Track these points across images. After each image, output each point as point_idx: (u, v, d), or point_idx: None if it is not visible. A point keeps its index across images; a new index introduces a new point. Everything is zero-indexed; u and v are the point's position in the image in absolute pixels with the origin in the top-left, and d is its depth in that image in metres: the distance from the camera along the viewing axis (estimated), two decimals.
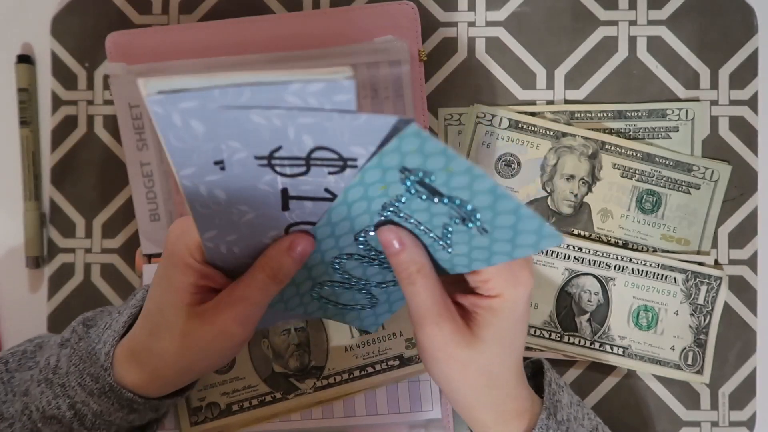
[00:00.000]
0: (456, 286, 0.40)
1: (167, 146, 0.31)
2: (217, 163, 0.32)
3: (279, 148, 0.32)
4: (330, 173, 0.34)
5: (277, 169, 0.33)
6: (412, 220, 0.36)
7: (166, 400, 0.44)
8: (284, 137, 0.31)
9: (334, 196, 0.36)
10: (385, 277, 0.42)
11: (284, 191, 0.35)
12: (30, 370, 0.44)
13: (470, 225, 0.34)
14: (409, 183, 0.33)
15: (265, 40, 0.53)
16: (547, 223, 0.32)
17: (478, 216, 0.33)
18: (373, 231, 0.38)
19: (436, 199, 0.34)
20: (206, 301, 0.39)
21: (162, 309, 0.40)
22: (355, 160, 0.33)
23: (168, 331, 0.39)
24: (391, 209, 0.36)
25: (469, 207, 0.33)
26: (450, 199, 0.33)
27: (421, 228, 0.37)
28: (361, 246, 0.39)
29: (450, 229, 0.35)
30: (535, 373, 0.46)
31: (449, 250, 0.37)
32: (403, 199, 0.35)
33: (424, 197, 0.34)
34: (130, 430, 0.45)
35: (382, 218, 0.37)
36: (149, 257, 0.54)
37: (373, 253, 0.40)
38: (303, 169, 0.34)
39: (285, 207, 0.36)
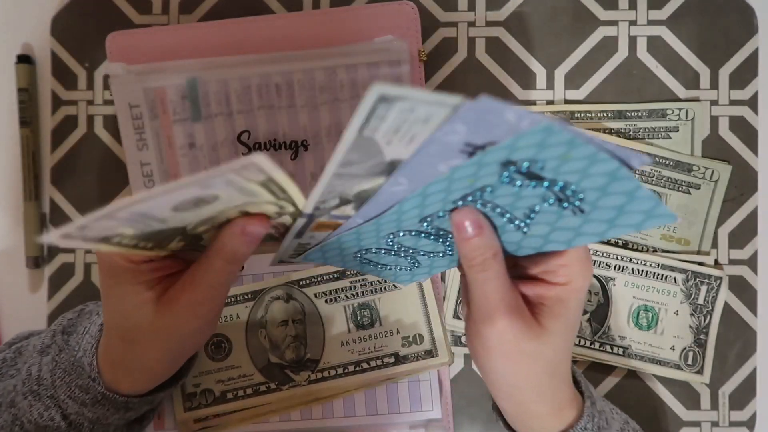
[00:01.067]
0: (513, 275, 0.38)
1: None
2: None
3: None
4: None
5: None
6: (489, 205, 0.35)
7: (160, 392, 0.44)
8: None
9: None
10: (435, 248, 0.41)
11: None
12: (12, 378, 0.44)
13: (566, 205, 0.33)
14: (507, 174, 0.32)
15: (265, 40, 0.53)
16: (663, 203, 0.30)
17: (581, 197, 0.32)
18: (442, 214, 0.36)
19: (534, 185, 0.32)
20: (168, 288, 0.39)
21: (126, 315, 0.39)
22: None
23: (140, 332, 0.39)
24: (470, 198, 0.35)
25: (573, 188, 0.32)
26: (553, 182, 0.32)
27: (497, 210, 0.35)
28: (425, 225, 0.38)
29: (537, 209, 0.34)
30: None
31: (524, 230, 0.35)
32: (489, 189, 0.34)
33: (519, 183, 0.33)
34: (128, 424, 0.45)
35: (457, 205, 0.36)
36: None
37: (434, 230, 0.38)
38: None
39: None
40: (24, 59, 0.56)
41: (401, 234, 0.39)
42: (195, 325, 0.39)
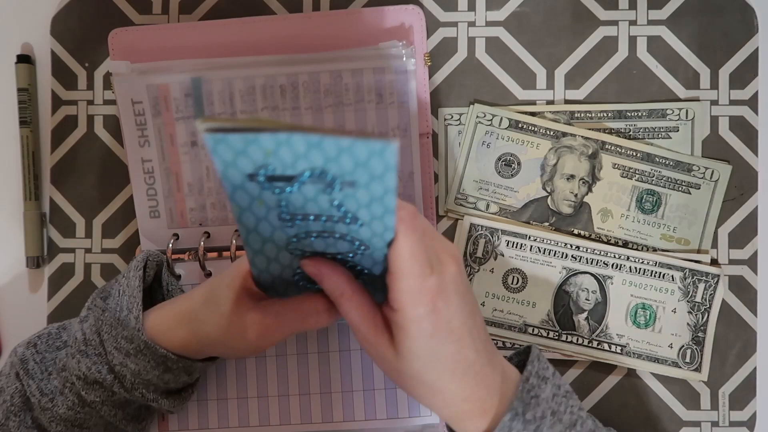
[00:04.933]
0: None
1: None
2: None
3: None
4: None
5: None
6: (311, 218, 0.38)
7: (197, 363, 0.49)
8: None
9: None
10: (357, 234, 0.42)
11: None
12: (59, 350, 0.49)
13: (337, 188, 0.35)
14: (266, 185, 0.35)
15: (270, 41, 0.55)
16: (371, 138, 0.32)
17: (331, 174, 0.34)
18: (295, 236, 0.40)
19: (295, 185, 0.35)
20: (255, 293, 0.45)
21: (220, 285, 0.46)
22: None
23: (216, 304, 0.46)
24: (286, 217, 0.38)
25: (318, 172, 0.34)
26: (301, 175, 0.34)
27: (324, 219, 0.38)
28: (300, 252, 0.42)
29: (336, 201, 0.36)
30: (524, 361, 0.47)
31: (359, 223, 0.38)
32: (282, 203, 0.36)
33: (288, 189, 0.35)
34: (167, 393, 0.50)
35: (289, 226, 0.39)
36: None
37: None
38: None
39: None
40: (24, 59, 0.58)
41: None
42: (250, 336, 0.45)
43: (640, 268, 0.55)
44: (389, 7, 0.55)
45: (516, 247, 0.55)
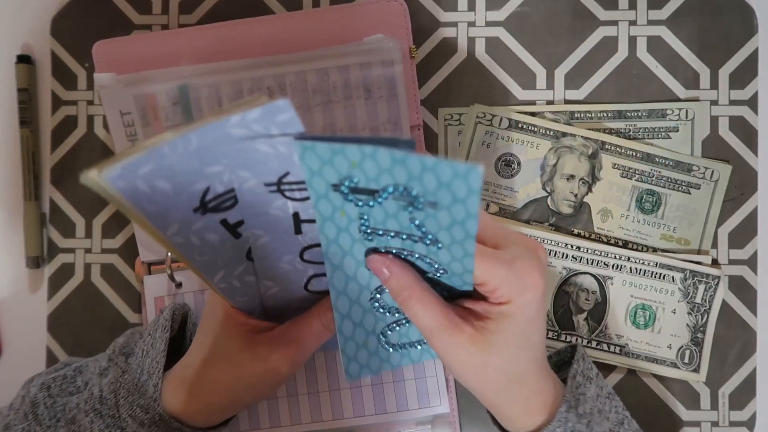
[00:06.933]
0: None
1: (146, 216, 0.34)
2: (196, 210, 0.36)
3: (287, 174, 0.36)
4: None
5: (287, 194, 0.38)
6: (391, 234, 0.38)
7: (212, 430, 0.48)
8: (291, 163, 0.36)
9: None
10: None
11: (296, 215, 0.39)
12: (71, 396, 0.47)
13: (419, 206, 0.35)
14: (349, 196, 0.35)
15: (254, 43, 0.55)
16: (457, 161, 0.32)
17: (413, 192, 0.34)
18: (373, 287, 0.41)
19: (378, 199, 0.35)
20: (255, 331, 0.44)
21: (217, 340, 0.45)
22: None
23: (223, 361, 0.45)
24: (367, 231, 0.38)
25: (401, 189, 0.34)
26: (384, 190, 0.34)
27: (404, 237, 0.38)
28: (377, 305, 0.43)
29: (416, 220, 0.36)
30: (566, 361, 0.48)
31: (438, 245, 0.37)
32: (364, 217, 0.37)
33: (370, 203, 0.36)
34: None
35: (369, 239, 0.39)
36: (149, 266, 0.56)
37: (388, 309, 0.43)
38: (307, 192, 0.37)
39: (298, 230, 0.40)
40: (24, 59, 0.58)
41: (376, 293, 0.43)
42: (268, 379, 0.45)
43: (640, 269, 0.55)
44: (372, 1, 0.55)
45: None
